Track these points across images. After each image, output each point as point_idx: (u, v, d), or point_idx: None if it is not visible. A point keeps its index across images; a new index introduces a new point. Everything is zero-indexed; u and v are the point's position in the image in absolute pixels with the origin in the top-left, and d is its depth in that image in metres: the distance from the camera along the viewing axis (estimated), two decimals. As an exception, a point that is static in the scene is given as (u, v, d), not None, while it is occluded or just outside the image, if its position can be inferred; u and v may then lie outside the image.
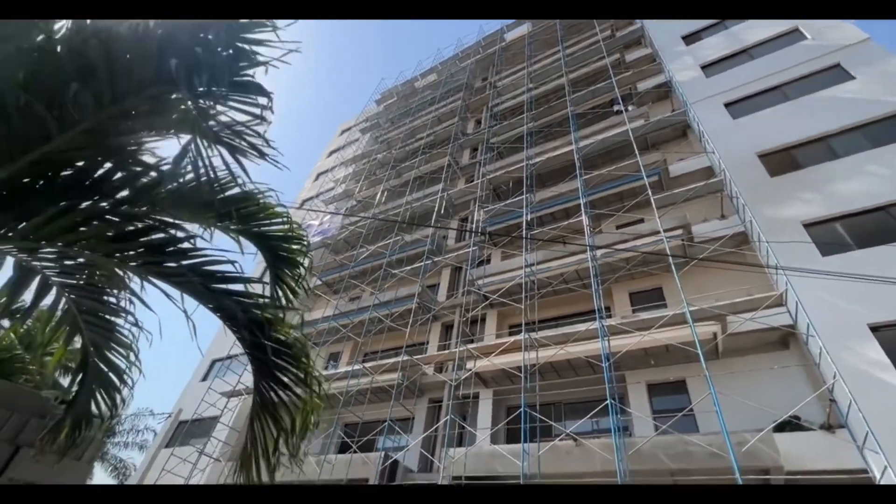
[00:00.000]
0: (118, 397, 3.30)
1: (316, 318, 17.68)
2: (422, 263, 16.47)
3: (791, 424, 8.53)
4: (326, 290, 20.15)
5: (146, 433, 20.52)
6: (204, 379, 20.54)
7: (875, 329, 8.34)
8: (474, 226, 17.93)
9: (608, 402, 8.95)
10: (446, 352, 13.46)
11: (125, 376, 3.36)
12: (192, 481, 14.26)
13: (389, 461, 12.22)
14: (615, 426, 8.98)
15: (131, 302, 3.31)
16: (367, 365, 14.00)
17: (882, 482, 6.69)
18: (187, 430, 18.00)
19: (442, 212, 19.17)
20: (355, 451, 12.56)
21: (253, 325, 2.71)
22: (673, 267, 9.85)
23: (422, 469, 13.04)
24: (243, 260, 3.21)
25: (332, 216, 22.39)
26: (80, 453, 3.30)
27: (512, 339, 11.71)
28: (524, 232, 14.35)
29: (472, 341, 13.71)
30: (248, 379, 16.88)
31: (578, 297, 13.81)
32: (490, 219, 17.22)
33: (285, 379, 2.79)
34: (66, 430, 2.98)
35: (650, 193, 12.65)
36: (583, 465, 9.51)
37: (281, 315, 3.02)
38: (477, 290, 14.64)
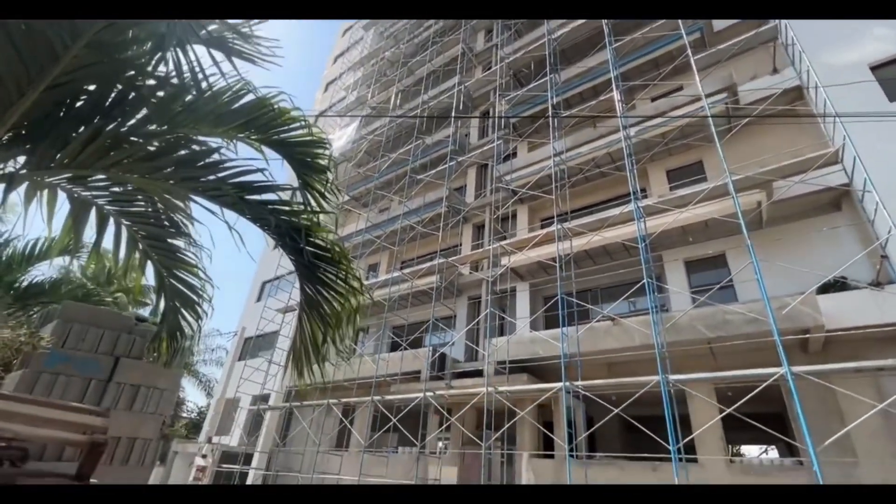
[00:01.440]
0: (199, 310, 3.61)
1: (350, 233, 18.18)
2: (446, 165, 16.14)
3: (836, 285, 8.46)
4: (356, 205, 20.39)
5: (219, 351, 23.00)
6: (258, 300, 22.21)
7: (940, 178, 7.74)
8: (496, 117, 17.03)
9: (645, 281, 9.06)
10: (479, 251, 13.73)
11: (200, 292, 3.64)
12: (268, 386, 16.17)
13: (437, 354, 13.28)
14: (652, 304, 9.20)
15: (184, 224, 3.47)
16: (406, 271, 14.58)
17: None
18: (254, 345, 19.99)
19: (461, 107, 18.22)
20: (405, 349, 13.67)
21: (292, 231, 2.79)
22: (715, 135, 9.16)
23: (468, 359, 14.16)
24: (275, 177, 3.22)
25: (348, 126, 21.79)
26: (169, 362, 3.71)
27: (544, 231, 11.71)
28: (550, 117, 13.52)
29: (504, 238, 13.85)
30: (297, 295, 18.11)
31: (611, 182, 13.38)
32: (512, 108, 16.26)
33: (326, 278, 2.93)
34: (164, 340, 3.33)
35: (690, 54, 11.34)
36: (620, 341, 10.00)
37: (316, 220, 3.08)
38: (505, 186, 14.40)
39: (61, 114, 2.50)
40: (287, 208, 2.94)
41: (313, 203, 3.20)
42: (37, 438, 2.09)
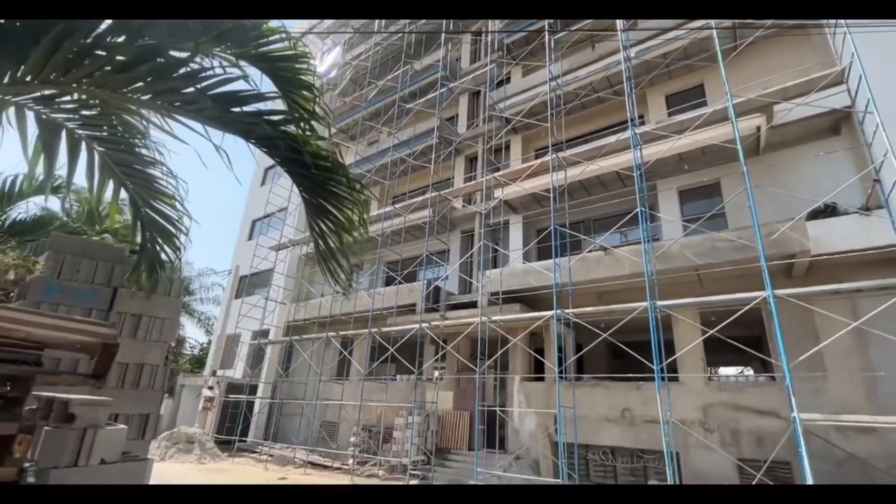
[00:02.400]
0: (177, 242, 3.54)
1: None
2: (436, 93, 15.41)
3: (826, 211, 8.56)
4: (343, 138, 19.68)
5: (215, 289, 23.26)
6: (249, 238, 22.08)
7: (943, 100, 7.56)
8: (489, 32, 15.96)
9: (638, 209, 9.06)
10: (472, 183, 13.53)
11: (178, 224, 3.55)
12: (266, 321, 16.56)
13: (432, 287, 13.54)
14: (644, 233, 9.29)
15: (160, 152, 3.30)
16: (398, 206, 14.43)
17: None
18: (249, 283, 20.17)
19: (451, 27, 17.05)
20: (400, 283, 13.90)
21: (286, 139, 2.66)
22: (719, 53, 8.71)
23: (462, 291, 14.50)
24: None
25: (331, 50, 20.43)
26: (168, 291, 3.71)
27: (538, 161, 11.48)
28: (547, 32, 12.69)
29: (497, 170, 13.62)
30: (288, 233, 18.02)
31: (608, 109, 12.95)
32: (506, 27, 15.25)
33: (329, 185, 2.84)
34: (145, 271, 3.29)
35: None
36: (611, 270, 10.23)
37: (307, 131, 2.93)
38: (499, 114, 13.90)
39: (15, 27, 2.26)
40: (278, 117, 2.78)
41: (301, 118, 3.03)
42: (50, 340, 2.14)
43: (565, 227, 10.72)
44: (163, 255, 3.61)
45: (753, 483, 7.04)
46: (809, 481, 6.03)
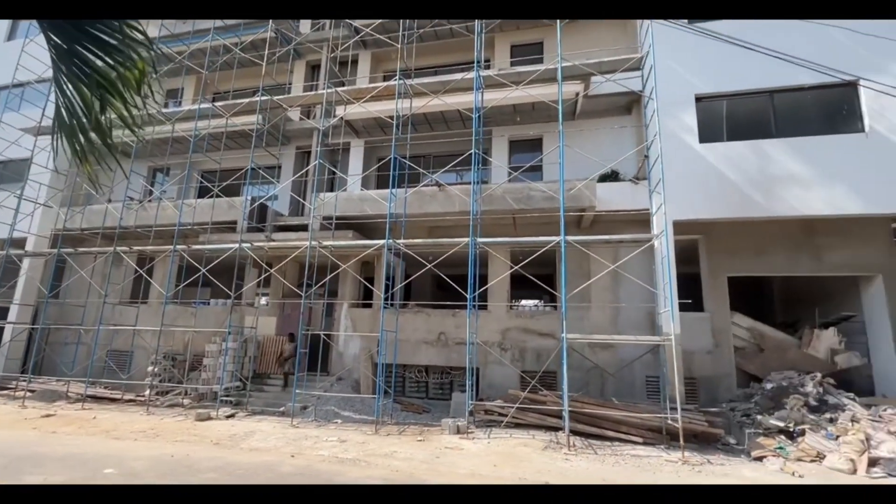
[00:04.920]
0: None
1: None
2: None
3: (611, 176, 10.46)
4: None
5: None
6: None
7: (699, 99, 9.71)
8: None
9: (473, 152, 9.56)
10: (313, 94, 12.19)
11: None
12: (21, 227, 12.76)
13: (257, 204, 12.25)
14: (476, 174, 9.94)
15: None
16: (219, 104, 12.19)
17: (654, 215, 9.04)
18: (-9, 174, 14.99)
19: None
20: (217, 196, 12.15)
21: None
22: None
23: (293, 212, 13.51)
24: None
25: None
26: None
27: (386, 84, 10.92)
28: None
29: (343, 85, 12.53)
30: (51, 111, 13.64)
31: (459, 45, 12.90)
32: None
33: (91, 29, 2.01)
34: None
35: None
36: (444, 206, 10.79)
37: None
38: (348, 21, 12.54)
39: None
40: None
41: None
42: None
43: (406, 158, 10.70)
44: None
45: (529, 387, 8.79)
46: (565, 384, 7.81)
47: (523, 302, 20.51)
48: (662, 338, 8.17)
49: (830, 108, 9.29)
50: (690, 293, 9.68)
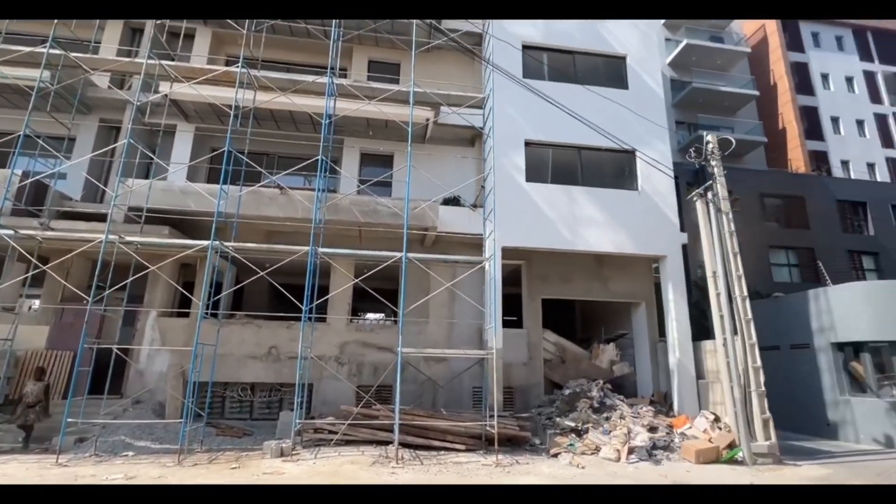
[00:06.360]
0: None
1: None
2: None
3: (453, 201, 11.26)
4: None
5: None
6: None
7: (528, 144, 11.21)
8: None
9: (320, 158, 9.23)
10: (129, 60, 10.21)
11: None
12: None
13: (31, 181, 9.62)
14: (322, 181, 9.59)
15: None
16: (-17, 47, 9.29)
17: (487, 240, 10.01)
18: None
19: None
20: (-32, 165, 9.15)
21: None
22: (414, 43, 9.84)
23: (88, 198, 10.97)
24: None
25: None
26: None
27: (226, 69, 9.83)
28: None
29: (172, 59, 10.84)
30: None
31: (315, 47, 12.47)
32: None
33: None
34: None
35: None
36: (285, 211, 10.11)
37: None
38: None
39: None
40: None
41: None
42: None
43: (244, 153, 9.73)
44: None
45: (363, 401, 8.66)
46: (398, 398, 7.93)
47: (369, 315, 20.39)
48: (487, 351, 8.99)
49: (618, 168, 11.71)
50: (515, 311, 10.93)
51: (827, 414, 11.07)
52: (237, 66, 9.33)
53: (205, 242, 8.55)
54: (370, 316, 20.32)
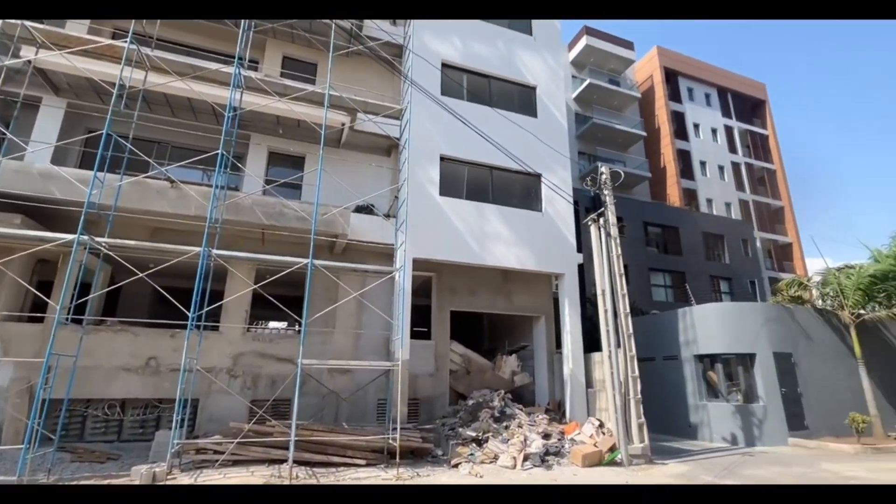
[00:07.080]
0: None
1: None
2: None
3: (366, 209, 11.08)
4: None
5: None
6: None
7: (443, 159, 11.47)
8: None
9: (220, 152, 8.49)
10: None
11: None
12: None
13: None
14: (220, 177, 8.81)
15: None
16: None
17: (398, 250, 9.97)
18: None
19: None
20: None
21: None
22: (332, 45, 9.58)
23: None
24: None
25: None
26: None
27: (110, 42, 8.68)
28: None
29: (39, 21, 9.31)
30: None
31: (222, 33, 11.59)
32: None
33: None
34: None
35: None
36: (175, 206, 9.13)
37: None
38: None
39: None
40: None
41: None
42: None
43: (128, 139, 8.61)
44: None
45: (256, 417, 7.99)
46: (295, 412, 7.44)
47: (272, 324, 19.04)
48: (393, 363, 8.87)
49: (525, 190, 12.46)
50: (424, 323, 10.96)
51: (689, 417, 12.67)
52: (125, 42, 8.27)
53: (69, 236, 7.35)
54: (272, 325, 19.03)
